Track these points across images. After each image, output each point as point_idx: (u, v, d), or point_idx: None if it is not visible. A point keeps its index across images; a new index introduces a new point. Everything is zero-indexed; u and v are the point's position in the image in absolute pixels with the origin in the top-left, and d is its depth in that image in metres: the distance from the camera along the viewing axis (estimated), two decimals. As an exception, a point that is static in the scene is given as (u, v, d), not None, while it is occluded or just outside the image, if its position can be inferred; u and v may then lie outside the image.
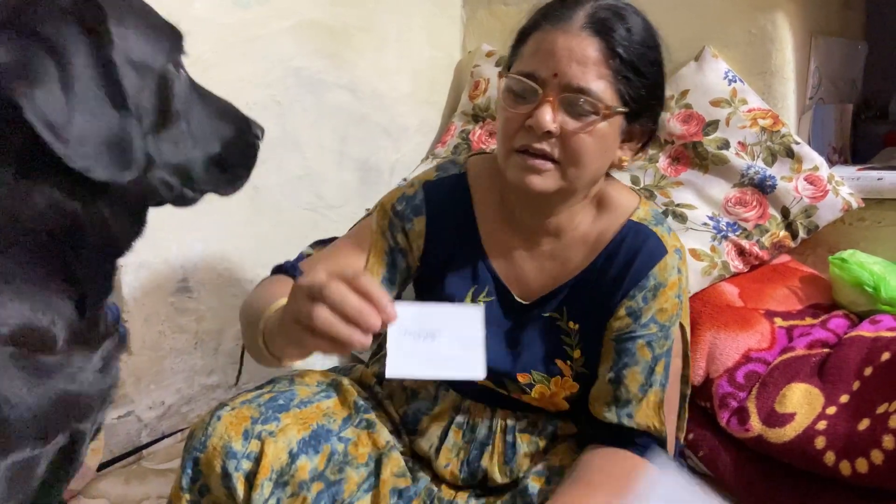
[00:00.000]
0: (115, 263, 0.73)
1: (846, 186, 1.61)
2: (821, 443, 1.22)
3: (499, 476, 1.05)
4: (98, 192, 0.67)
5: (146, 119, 0.69)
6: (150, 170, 0.71)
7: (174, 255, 1.51)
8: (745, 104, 1.65)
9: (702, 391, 1.41)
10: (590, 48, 0.88)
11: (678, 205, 1.61)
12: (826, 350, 1.41)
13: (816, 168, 1.60)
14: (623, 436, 0.99)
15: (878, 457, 1.15)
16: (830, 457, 1.20)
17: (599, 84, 0.88)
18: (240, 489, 0.95)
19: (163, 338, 1.52)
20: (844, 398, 1.28)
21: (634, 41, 0.90)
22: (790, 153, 1.61)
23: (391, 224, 1.06)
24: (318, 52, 1.71)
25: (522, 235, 1.03)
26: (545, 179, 0.92)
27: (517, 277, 1.04)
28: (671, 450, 1.01)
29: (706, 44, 1.72)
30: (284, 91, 1.65)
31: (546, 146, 0.90)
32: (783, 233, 1.59)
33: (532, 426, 1.07)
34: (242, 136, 0.79)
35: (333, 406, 1.08)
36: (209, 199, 1.58)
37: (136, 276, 1.44)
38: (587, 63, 0.88)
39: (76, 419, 0.70)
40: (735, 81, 1.67)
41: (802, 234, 1.59)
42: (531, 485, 1.01)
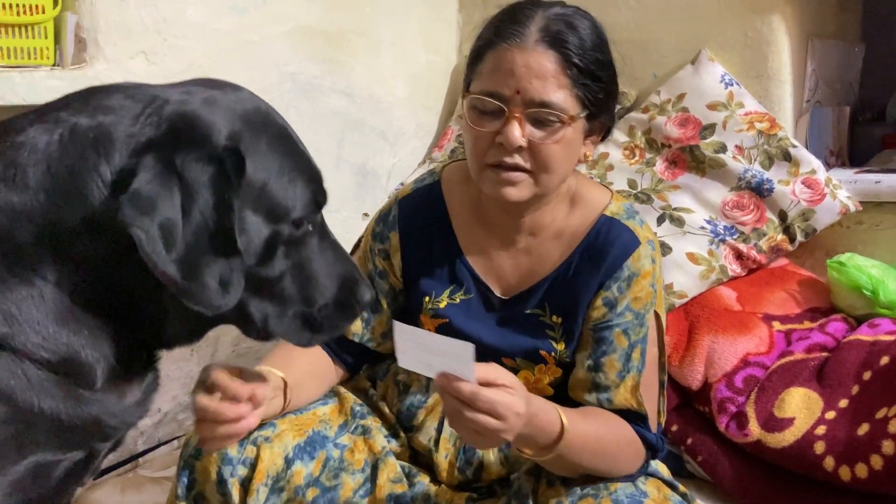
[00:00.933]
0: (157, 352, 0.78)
1: (844, 189, 1.61)
2: (820, 448, 1.22)
3: (495, 463, 1.06)
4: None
5: (253, 258, 0.71)
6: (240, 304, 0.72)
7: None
8: (742, 107, 1.65)
9: (700, 396, 1.40)
10: (547, 62, 0.92)
11: (675, 208, 1.60)
12: (825, 354, 1.40)
13: (814, 171, 1.59)
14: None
15: (878, 462, 1.15)
16: (830, 462, 1.20)
17: (560, 94, 0.92)
18: (235, 495, 0.96)
19: (159, 344, 1.51)
20: (844, 403, 1.28)
21: (587, 48, 0.94)
22: (787, 156, 1.60)
23: (371, 249, 1.11)
24: (314, 57, 1.71)
25: (498, 235, 1.05)
26: (520, 189, 0.96)
27: (496, 274, 1.06)
28: (654, 429, 1.03)
29: (702, 47, 1.72)
30: (280, 96, 1.64)
31: (518, 159, 0.94)
32: (781, 236, 1.59)
33: None
34: (345, 300, 0.79)
35: (329, 412, 1.08)
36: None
37: (132, 283, 1.43)
38: (546, 77, 0.92)
39: (98, 440, 0.73)
40: (732, 85, 1.67)
41: (800, 238, 1.59)
42: (524, 486, 1.01)
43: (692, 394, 1.41)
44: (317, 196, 0.76)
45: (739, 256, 1.57)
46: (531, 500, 0.99)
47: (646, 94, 1.77)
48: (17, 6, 1.23)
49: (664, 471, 1.07)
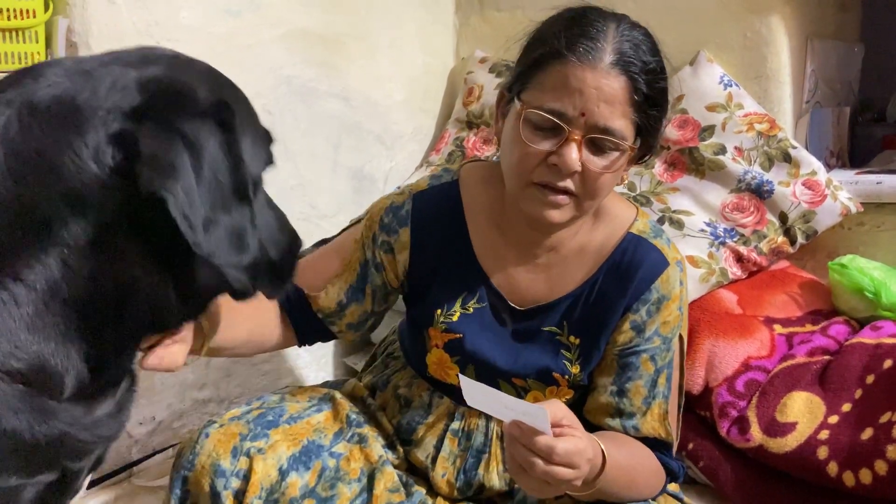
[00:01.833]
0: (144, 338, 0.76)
1: (844, 191, 1.59)
2: (823, 453, 1.20)
3: (497, 482, 1.04)
4: (175, 272, 0.70)
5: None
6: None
7: (164, 268, 1.49)
8: (741, 109, 1.64)
9: (701, 400, 1.39)
10: (618, 87, 0.87)
11: (675, 211, 1.59)
12: (827, 357, 1.39)
13: (814, 172, 1.58)
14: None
15: (882, 467, 1.13)
16: (833, 467, 1.18)
17: (623, 122, 0.88)
18: (230, 508, 0.94)
19: (153, 351, 1.50)
20: (846, 407, 1.26)
21: (654, 73, 0.90)
22: (787, 158, 1.59)
23: (374, 237, 1.06)
24: (310, 61, 1.69)
25: (516, 246, 1.02)
26: (563, 212, 0.92)
27: (511, 286, 1.02)
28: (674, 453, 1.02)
29: (701, 48, 1.71)
30: (276, 100, 1.63)
31: (569, 183, 0.90)
32: (781, 238, 1.57)
33: None
34: (292, 250, 0.82)
35: (324, 420, 1.07)
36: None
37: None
38: (614, 103, 0.87)
39: (69, 459, 0.68)
40: (731, 86, 1.66)
41: (801, 240, 1.58)
42: (529, 498, 0.99)
43: (693, 398, 1.40)
44: (271, 153, 0.77)
45: (740, 259, 1.56)
46: None
47: (644, 96, 1.76)
48: (8, 11, 1.22)
49: (672, 486, 1.05)
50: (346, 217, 1.81)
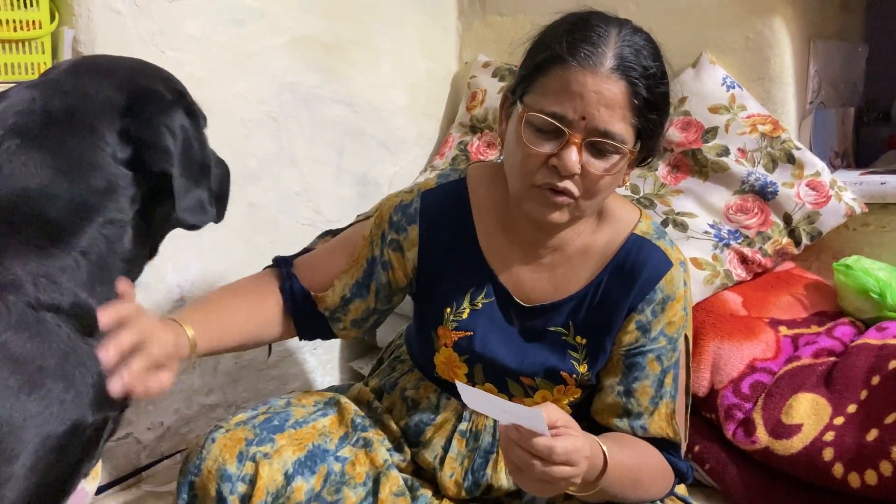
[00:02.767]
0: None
1: (849, 191, 1.59)
2: (829, 454, 1.20)
3: (505, 482, 1.04)
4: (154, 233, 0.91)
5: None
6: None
7: (170, 275, 1.50)
8: (745, 110, 1.64)
9: (707, 402, 1.39)
10: (618, 91, 0.88)
11: (678, 213, 1.59)
12: (832, 359, 1.39)
13: (818, 173, 1.58)
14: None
15: (888, 468, 1.13)
16: (839, 469, 1.18)
17: (623, 126, 0.90)
18: (236, 512, 0.94)
19: (161, 358, 1.51)
20: (852, 408, 1.26)
21: (655, 78, 0.91)
22: (791, 159, 1.59)
23: (383, 235, 1.07)
24: (313, 68, 1.71)
25: (522, 246, 1.03)
26: (563, 213, 0.93)
27: (517, 284, 1.03)
28: (682, 454, 1.02)
29: (703, 50, 1.71)
30: (280, 107, 1.64)
31: (569, 184, 0.91)
32: (786, 240, 1.57)
33: None
34: (226, 177, 1.00)
35: (329, 425, 1.07)
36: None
37: (133, 297, 1.43)
38: (615, 107, 0.88)
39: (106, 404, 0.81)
40: (733, 87, 1.66)
41: (805, 241, 1.57)
42: (539, 498, 1.00)
43: (698, 400, 1.39)
44: (204, 115, 0.96)
45: (744, 261, 1.56)
46: None
47: (647, 99, 1.76)
48: (14, 22, 1.23)
49: (681, 488, 1.05)
50: (351, 222, 1.82)
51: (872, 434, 1.18)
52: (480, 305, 1.03)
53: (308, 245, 1.21)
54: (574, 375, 1.00)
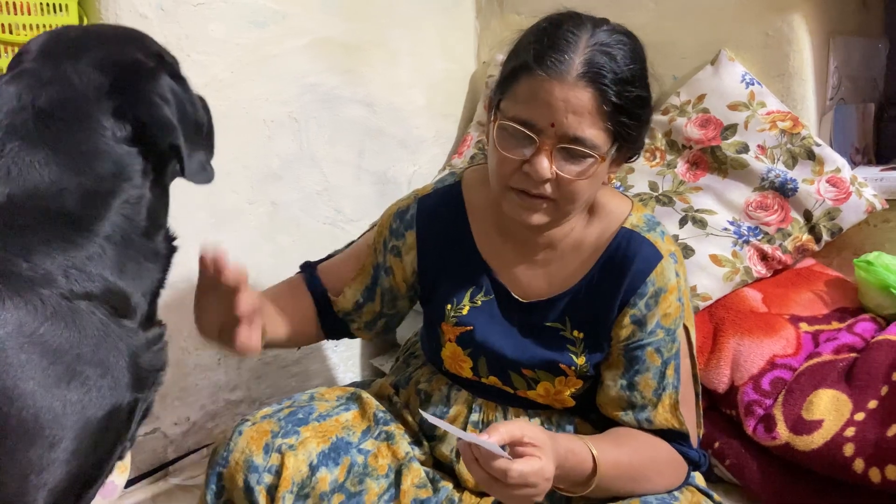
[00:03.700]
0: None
1: (869, 188, 1.58)
2: (849, 450, 1.20)
3: None
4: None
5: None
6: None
7: (195, 273, 1.52)
8: (764, 107, 1.64)
9: (727, 399, 1.39)
10: (586, 98, 0.89)
11: (698, 210, 1.59)
12: (853, 355, 1.38)
13: (838, 170, 1.57)
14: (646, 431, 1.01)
15: (909, 463, 1.13)
16: (860, 464, 1.18)
17: (593, 131, 0.90)
18: (262, 502, 0.97)
19: (186, 354, 1.54)
20: (873, 404, 1.26)
21: (629, 84, 0.91)
22: (811, 155, 1.58)
23: (384, 242, 1.12)
24: (333, 69, 1.73)
25: (516, 245, 1.05)
26: (542, 215, 0.95)
27: (513, 281, 1.06)
28: (694, 443, 1.03)
29: (722, 47, 1.71)
30: (301, 108, 1.66)
31: (543, 190, 0.92)
32: (806, 236, 1.57)
33: (548, 422, 1.08)
34: (207, 111, 0.99)
35: (352, 419, 1.09)
36: (230, 216, 1.58)
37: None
38: (583, 113, 0.89)
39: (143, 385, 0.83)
40: (752, 84, 1.66)
41: (826, 237, 1.57)
42: (556, 490, 1.01)
43: (718, 397, 1.40)
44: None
45: (764, 257, 1.56)
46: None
47: (665, 96, 1.76)
48: (44, 27, 1.26)
49: (700, 480, 1.06)
50: (371, 220, 1.84)
51: (893, 430, 1.18)
52: (480, 303, 1.06)
53: (332, 252, 1.25)
54: (573, 367, 1.02)
